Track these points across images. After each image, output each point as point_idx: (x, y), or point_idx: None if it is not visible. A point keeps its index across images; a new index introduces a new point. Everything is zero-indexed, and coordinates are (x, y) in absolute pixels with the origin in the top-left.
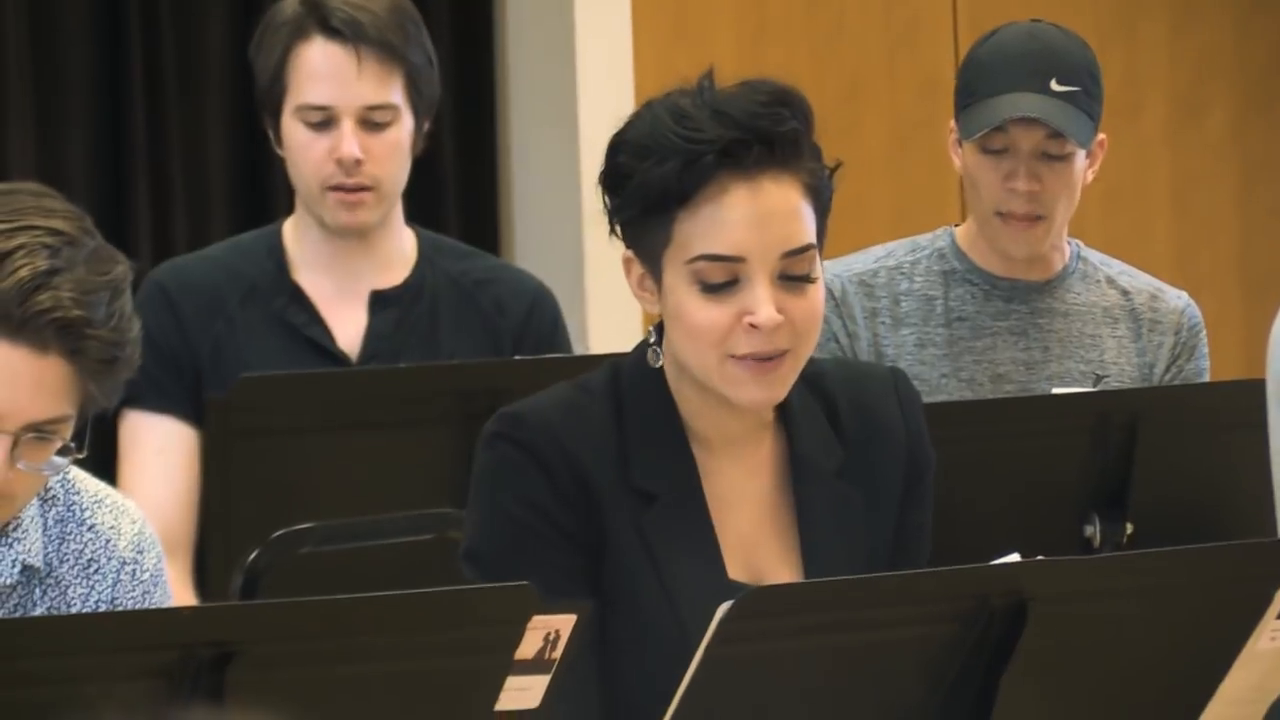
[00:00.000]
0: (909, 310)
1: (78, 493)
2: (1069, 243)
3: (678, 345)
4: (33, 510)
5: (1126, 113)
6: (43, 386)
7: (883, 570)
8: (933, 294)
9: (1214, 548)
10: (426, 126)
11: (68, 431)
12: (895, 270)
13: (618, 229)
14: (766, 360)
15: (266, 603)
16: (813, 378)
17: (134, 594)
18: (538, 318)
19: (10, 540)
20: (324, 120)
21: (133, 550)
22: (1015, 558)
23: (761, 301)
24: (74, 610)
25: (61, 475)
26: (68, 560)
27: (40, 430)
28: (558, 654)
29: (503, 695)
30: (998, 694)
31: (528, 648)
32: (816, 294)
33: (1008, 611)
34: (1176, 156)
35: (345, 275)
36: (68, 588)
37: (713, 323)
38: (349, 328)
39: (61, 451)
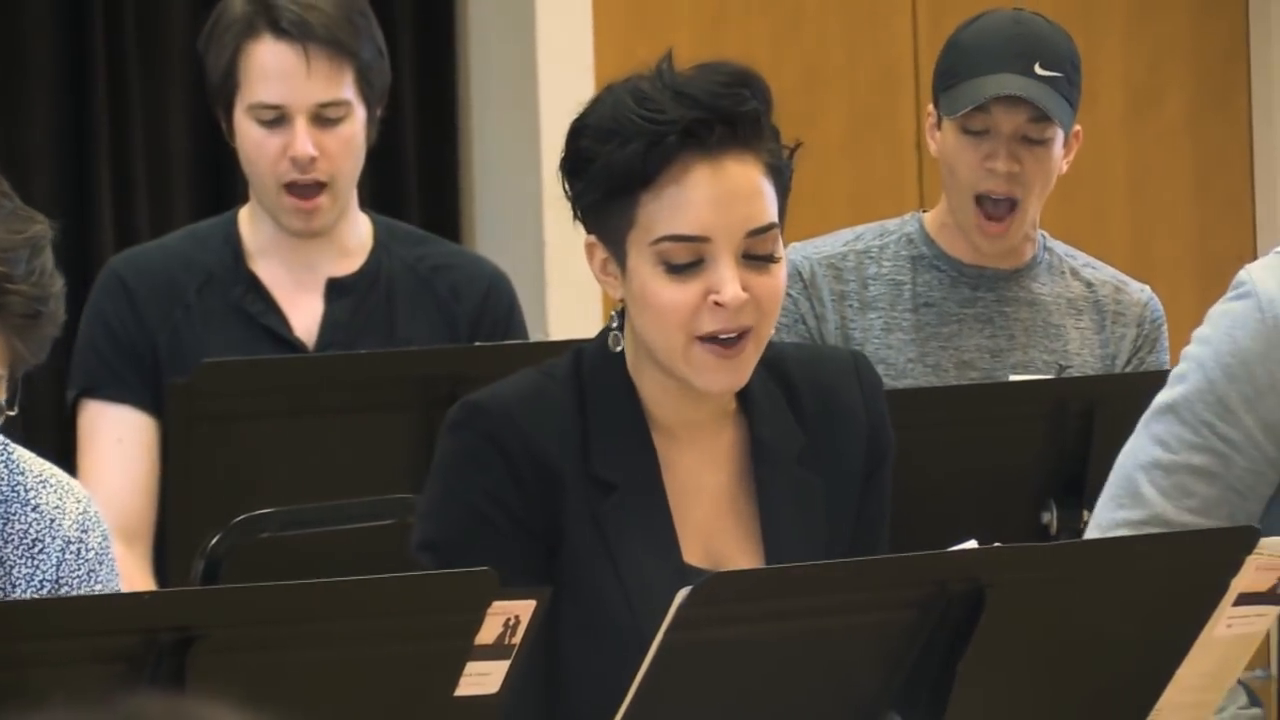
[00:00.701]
0: (877, 294)
1: (22, 473)
2: (1037, 234)
3: (643, 329)
4: None
5: (1084, 103)
6: None
7: (842, 556)
8: (900, 279)
9: (1170, 535)
10: (379, 114)
11: (0, 392)
12: (863, 254)
13: (580, 214)
14: (730, 345)
15: (228, 588)
16: (773, 361)
17: (79, 573)
18: (493, 303)
19: None
20: (277, 118)
21: (77, 530)
22: (973, 545)
23: (727, 280)
24: (19, 590)
25: (4, 456)
26: (12, 540)
27: None
28: (518, 639)
29: (462, 680)
30: (955, 679)
31: (487, 633)
32: (779, 273)
33: (965, 598)
34: (1133, 146)
35: (301, 264)
36: (12, 568)
37: (679, 303)
38: (305, 316)
39: (13, 399)
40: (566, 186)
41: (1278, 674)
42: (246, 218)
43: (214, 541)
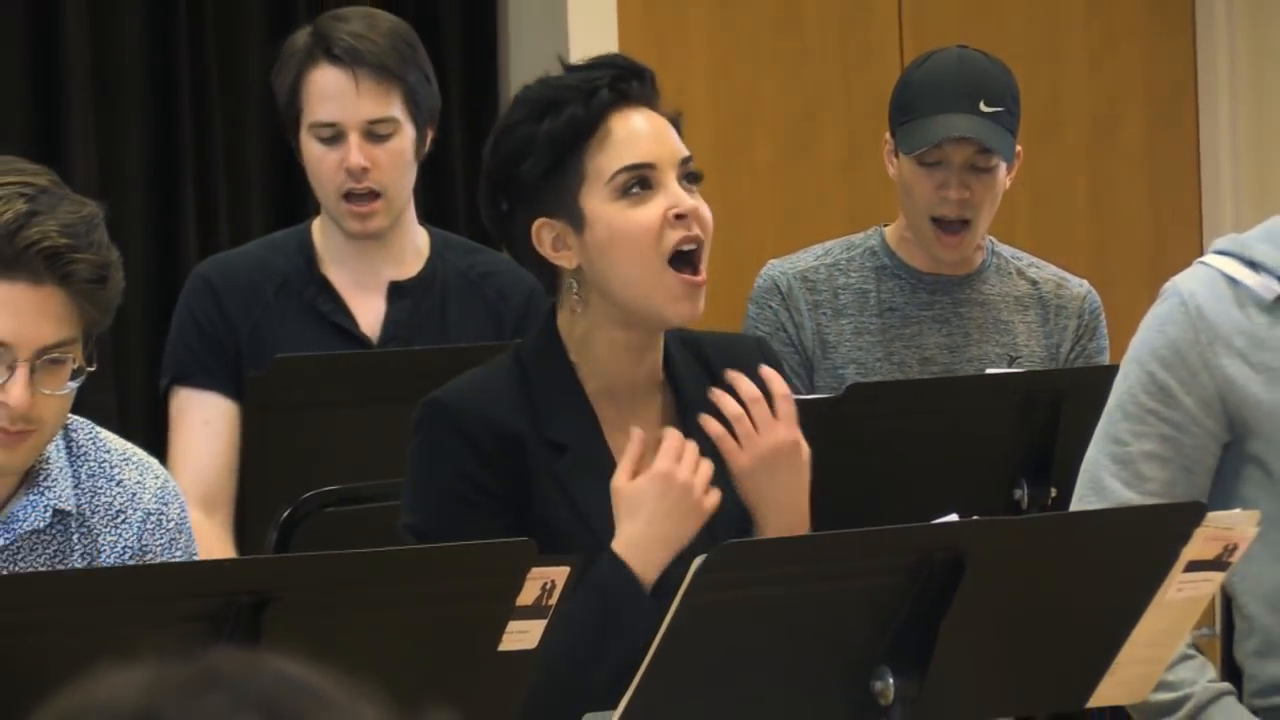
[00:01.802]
0: (846, 302)
1: (107, 451)
2: (986, 241)
3: (616, 269)
4: (62, 461)
5: (1051, 129)
6: (45, 314)
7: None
8: (866, 288)
9: (1127, 510)
10: (431, 135)
11: (77, 353)
12: (833, 267)
13: (518, 205)
14: (694, 265)
15: (298, 555)
16: (690, 343)
17: (161, 540)
18: (535, 305)
19: (42, 488)
20: (333, 135)
21: (157, 502)
22: (954, 518)
23: (682, 195)
24: (104, 556)
25: (92, 436)
26: (98, 511)
27: (51, 354)
28: (554, 601)
29: (505, 637)
30: (938, 637)
31: (527, 595)
32: (706, 207)
33: (947, 565)
34: (1094, 168)
35: (366, 269)
36: (98, 535)
37: (647, 221)
38: (370, 315)
39: (75, 374)
40: (496, 198)
41: (1221, 632)
42: (318, 228)
43: (286, 514)
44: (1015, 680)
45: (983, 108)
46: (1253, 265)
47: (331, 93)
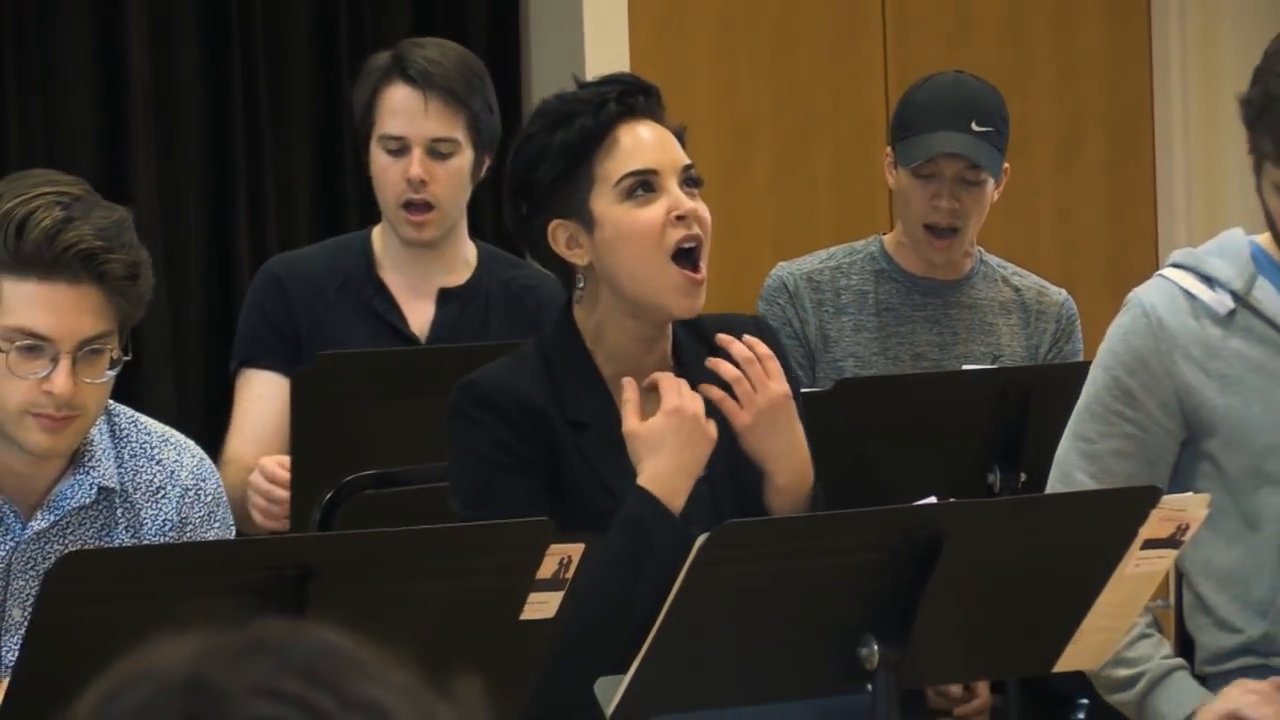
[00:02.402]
0: (847, 302)
1: (147, 433)
2: (975, 249)
3: (621, 270)
4: (105, 443)
5: (1021, 148)
6: (84, 310)
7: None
8: (866, 289)
9: (1091, 493)
10: (489, 161)
11: (114, 345)
12: (836, 270)
13: (536, 208)
14: (694, 261)
15: (338, 534)
16: (693, 325)
17: (199, 513)
18: None
19: (87, 468)
20: (399, 148)
21: (194, 479)
22: (933, 500)
23: (682, 199)
24: (145, 528)
25: (133, 420)
26: (140, 488)
27: (91, 346)
28: (569, 574)
29: (526, 607)
30: (919, 608)
31: (546, 569)
32: (706, 209)
33: (927, 543)
34: (1060, 184)
35: (419, 275)
36: (140, 510)
37: (650, 220)
38: (420, 316)
39: (112, 364)
40: (520, 197)
41: (1175, 603)
42: (378, 235)
43: (328, 496)
44: (988, 647)
45: (974, 127)
46: (1208, 280)
47: (402, 109)
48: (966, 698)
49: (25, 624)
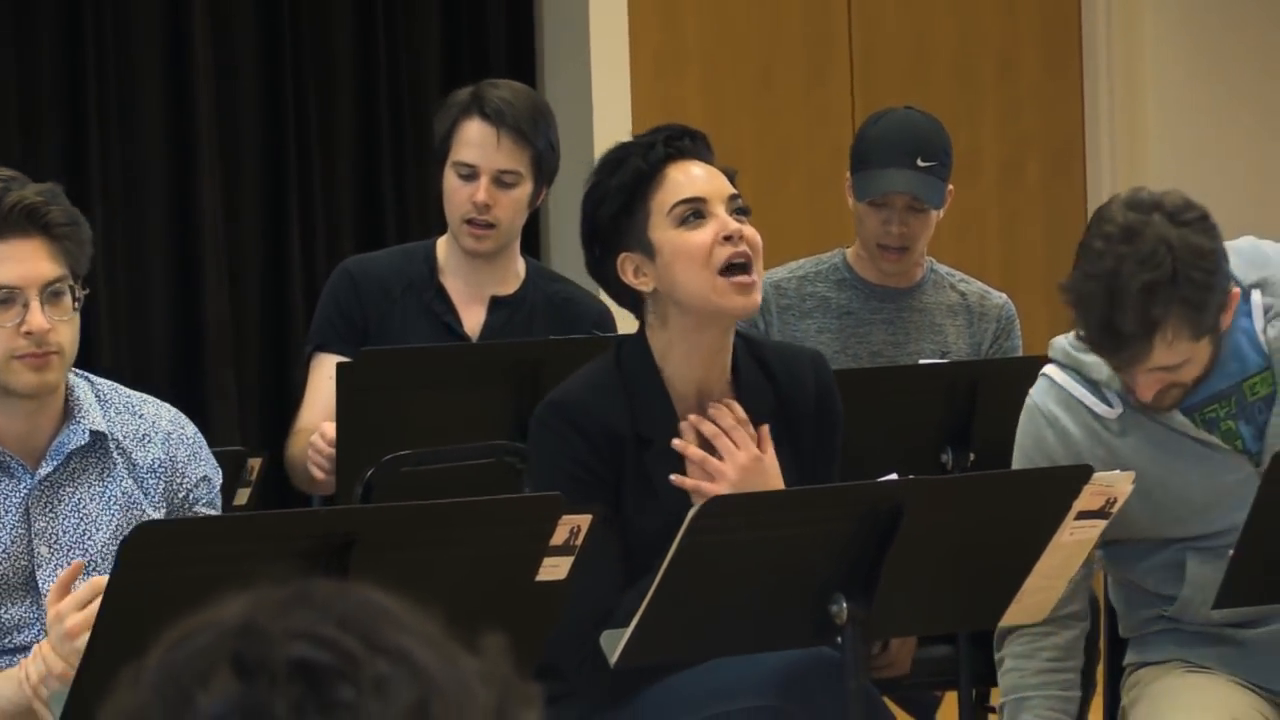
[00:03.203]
0: (811, 307)
1: (127, 395)
2: (925, 260)
3: (678, 288)
4: (90, 399)
5: (968, 174)
6: (39, 257)
7: (802, 478)
8: (829, 295)
9: (1030, 470)
10: (546, 190)
11: (72, 286)
12: (803, 279)
13: (604, 244)
14: (746, 272)
15: (378, 506)
16: (755, 349)
17: (184, 452)
18: (600, 327)
19: (77, 418)
20: (469, 174)
21: (172, 425)
22: (894, 477)
23: (729, 221)
24: (139, 469)
25: (114, 387)
26: (128, 436)
27: (52, 287)
28: (579, 541)
29: (541, 569)
30: (882, 570)
31: (558, 537)
32: (755, 232)
33: (889, 514)
34: (1003, 203)
35: (475, 283)
36: (132, 453)
37: (701, 242)
38: (473, 319)
39: (75, 303)
40: (594, 240)
41: (1100, 567)
42: (442, 245)
43: (369, 473)
44: (942, 604)
45: (919, 163)
46: (1088, 383)
47: (476, 141)
48: (883, 657)
49: (53, 558)
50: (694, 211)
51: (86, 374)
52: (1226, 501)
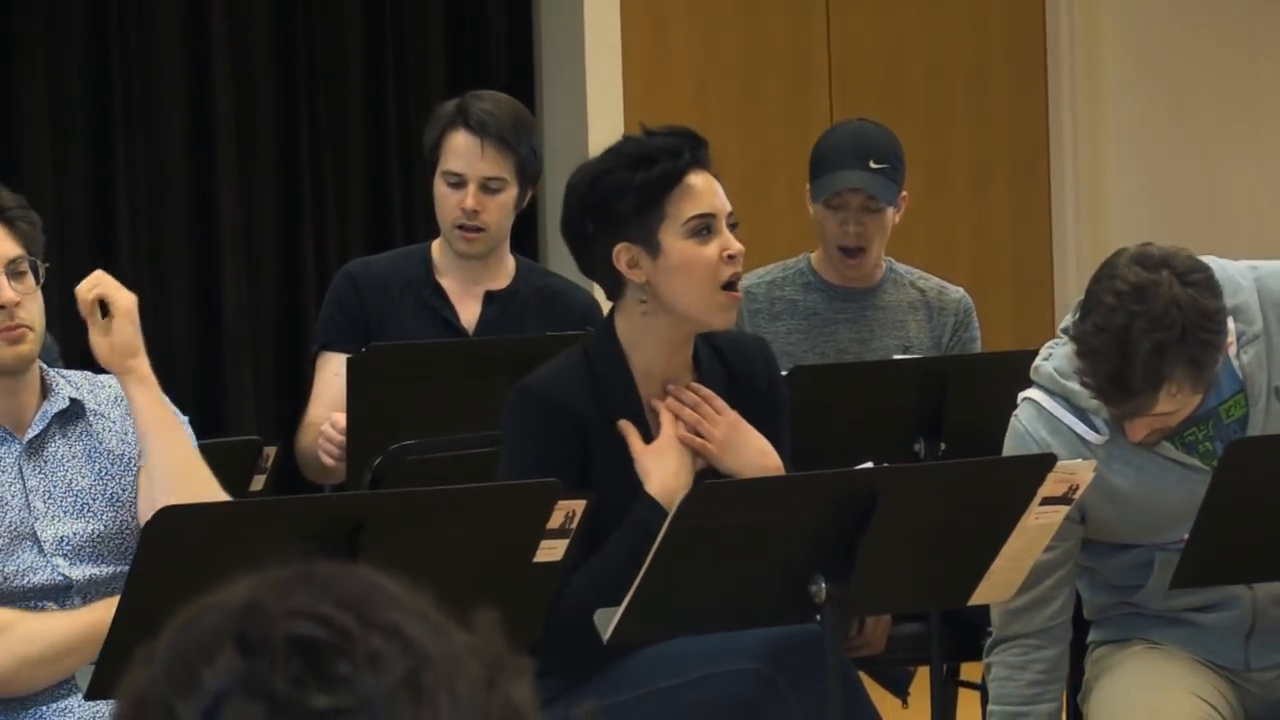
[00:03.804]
0: (780, 310)
1: (90, 376)
2: (885, 261)
3: (677, 291)
4: (62, 379)
5: (940, 180)
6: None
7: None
8: (796, 298)
9: (997, 459)
10: (531, 192)
11: (31, 263)
12: (771, 284)
13: (603, 233)
14: (735, 290)
15: (385, 491)
16: (710, 342)
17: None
18: (589, 319)
19: (55, 390)
20: (458, 182)
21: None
22: (870, 465)
23: (733, 241)
24: (117, 426)
25: (82, 374)
26: (102, 403)
27: (15, 265)
28: (574, 525)
29: (538, 551)
30: (859, 553)
31: (554, 521)
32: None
33: (865, 500)
34: (973, 209)
35: (469, 280)
36: (108, 414)
37: (709, 256)
38: (469, 314)
39: (36, 280)
40: (590, 221)
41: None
42: (437, 246)
43: (377, 461)
44: (915, 584)
45: (871, 165)
46: (1077, 411)
47: (462, 151)
48: (859, 639)
49: (49, 511)
50: (706, 226)
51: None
52: None
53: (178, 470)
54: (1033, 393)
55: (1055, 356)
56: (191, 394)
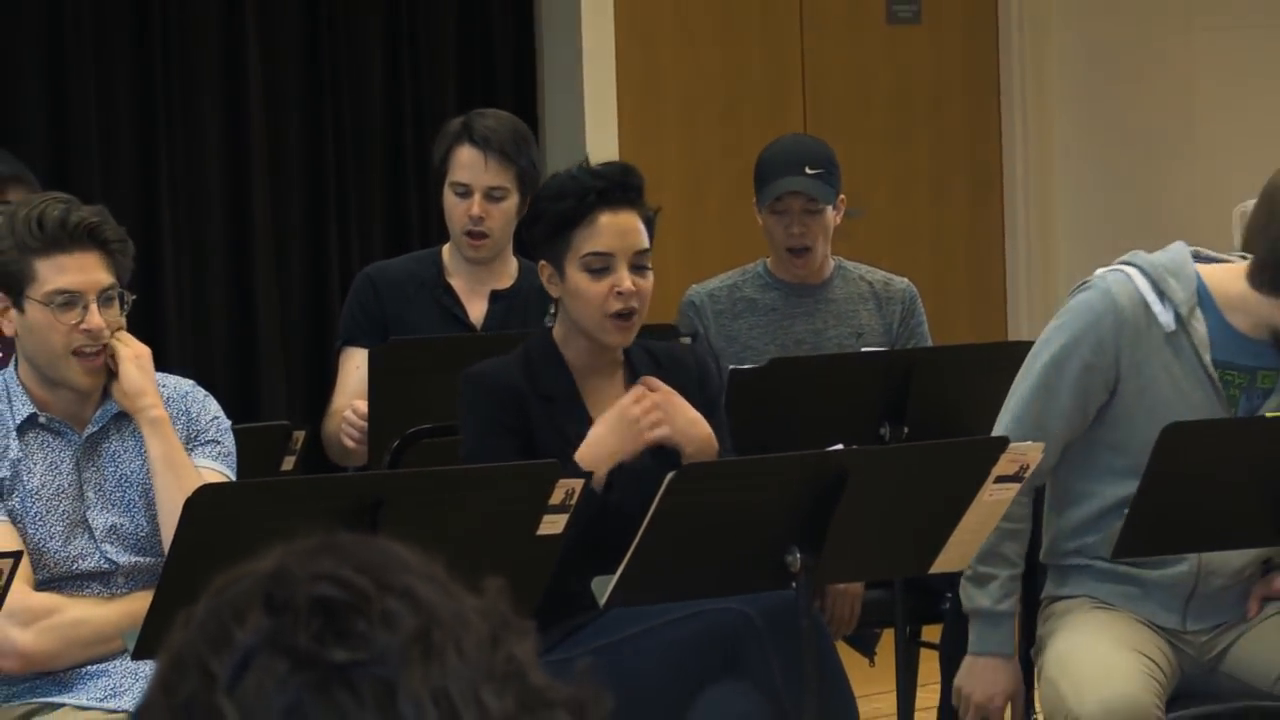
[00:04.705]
0: (742, 309)
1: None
2: (832, 259)
3: (576, 312)
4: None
5: (903, 192)
6: (96, 268)
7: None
8: (755, 297)
9: (955, 441)
10: (529, 199)
11: (120, 293)
12: (733, 287)
13: (535, 248)
14: (626, 319)
15: (403, 471)
16: (645, 343)
17: (196, 405)
18: None
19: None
20: (464, 191)
21: (189, 388)
22: (839, 447)
23: (624, 279)
24: (198, 406)
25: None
26: (171, 399)
27: (106, 293)
28: (574, 501)
29: (540, 525)
30: (830, 526)
31: (555, 497)
32: (650, 278)
33: (836, 478)
34: (933, 218)
35: (477, 281)
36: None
37: (598, 292)
38: (477, 311)
39: (122, 307)
40: (529, 235)
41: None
42: (447, 251)
43: (396, 444)
44: (881, 555)
45: (807, 171)
46: (1161, 296)
47: (468, 164)
48: (830, 617)
49: (98, 501)
50: (602, 265)
51: None
52: None
53: (168, 511)
54: (1130, 271)
55: (1158, 257)
56: (227, 383)
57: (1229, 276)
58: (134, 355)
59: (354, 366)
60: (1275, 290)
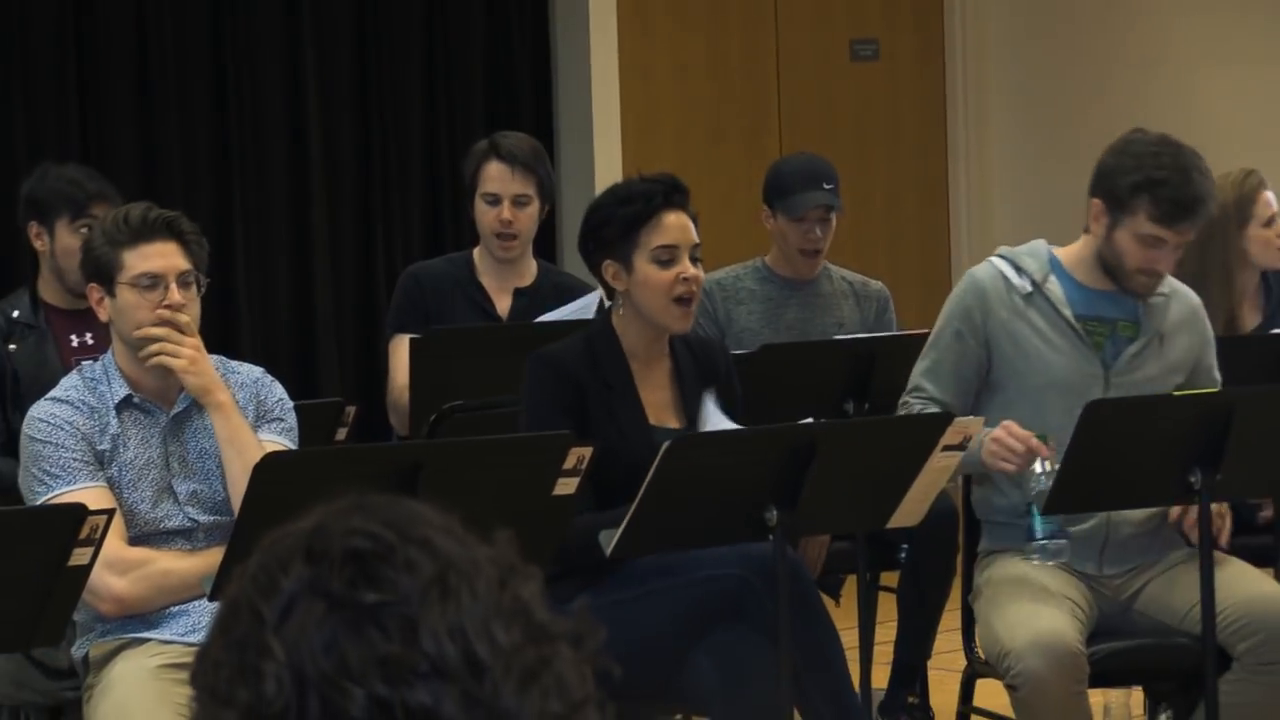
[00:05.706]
0: (743, 296)
1: (229, 363)
2: (822, 261)
3: (642, 300)
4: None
5: (862, 202)
6: (175, 254)
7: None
8: (754, 288)
9: (909, 416)
10: (548, 207)
11: (196, 277)
12: (736, 278)
13: (599, 249)
14: (687, 303)
15: (439, 440)
16: (684, 336)
17: (264, 389)
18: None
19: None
20: (494, 200)
21: (260, 375)
22: (811, 420)
23: (688, 266)
24: (237, 402)
25: (221, 360)
26: (233, 387)
27: (185, 278)
28: (585, 465)
29: (556, 486)
30: (803, 487)
31: (569, 462)
32: (702, 268)
33: (808, 446)
34: (888, 225)
35: (503, 279)
36: (236, 396)
37: (666, 280)
38: (503, 305)
39: (199, 291)
40: (589, 243)
41: (963, 481)
42: (478, 252)
43: (434, 417)
44: (846, 511)
45: (824, 185)
46: (1018, 269)
47: (496, 176)
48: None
49: (183, 472)
50: (669, 257)
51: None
52: (1076, 389)
53: (232, 479)
54: (993, 259)
55: (1018, 247)
56: (289, 365)
57: (1076, 247)
58: (187, 364)
59: (404, 350)
60: (1106, 203)
